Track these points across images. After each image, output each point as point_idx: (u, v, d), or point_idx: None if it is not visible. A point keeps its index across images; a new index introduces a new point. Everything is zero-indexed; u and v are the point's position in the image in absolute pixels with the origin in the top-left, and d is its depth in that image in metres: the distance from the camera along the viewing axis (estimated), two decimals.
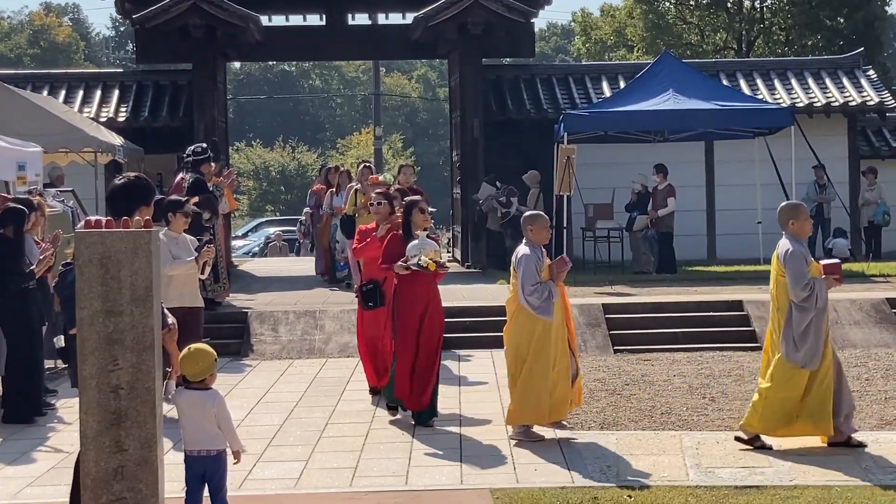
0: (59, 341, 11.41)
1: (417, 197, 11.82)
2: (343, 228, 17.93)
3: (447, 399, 12.08)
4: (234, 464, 7.56)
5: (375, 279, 11.57)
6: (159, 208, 10.71)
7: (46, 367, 13.34)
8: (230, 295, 17.86)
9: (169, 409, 8.77)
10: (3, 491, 8.91)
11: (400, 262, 10.68)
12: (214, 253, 12.47)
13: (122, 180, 8.10)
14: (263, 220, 47.90)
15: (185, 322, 10.25)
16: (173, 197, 11.51)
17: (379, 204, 11.89)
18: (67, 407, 11.98)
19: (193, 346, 7.50)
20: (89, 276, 6.22)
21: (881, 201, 23.88)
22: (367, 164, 18.77)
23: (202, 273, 11.77)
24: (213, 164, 17.38)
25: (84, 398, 6.23)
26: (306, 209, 26.15)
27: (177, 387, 7.58)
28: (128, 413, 6.23)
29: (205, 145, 17.19)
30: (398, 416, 11.09)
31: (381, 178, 15.00)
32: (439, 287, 11.32)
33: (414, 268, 10.61)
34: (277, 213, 58.33)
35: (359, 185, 17.67)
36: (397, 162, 59.16)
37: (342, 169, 21.61)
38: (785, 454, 9.44)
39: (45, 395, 12.19)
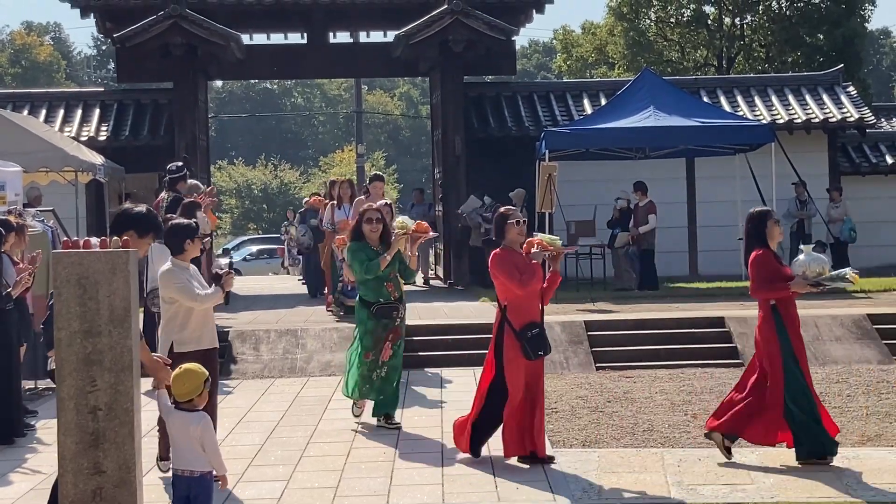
0: (52, 363, 10.97)
1: (768, 207, 10.31)
2: None
3: (429, 418, 12.07)
4: (220, 488, 7.54)
5: (537, 320, 9.92)
6: (170, 234, 9.65)
7: (26, 387, 13.30)
8: None
9: (149, 431, 8.73)
10: None
11: (800, 280, 9.52)
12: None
13: (131, 207, 7.97)
14: (246, 237, 47.87)
15: (204, 365, 9.67)
16: (181, 221, 10.08)
17: (521, 223, 10.08)
18: (48, 428, 11.91)
19: (184, 366, 7.48)
20: (67, 296, 6.21)
21: (847, 218, 23.94)
22: (378, 174, 17.89)
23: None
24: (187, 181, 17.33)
25: (62, 419, 6.21)
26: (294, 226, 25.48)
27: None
28: (106, 434, 6.20)
29: (180, 164, 17.11)
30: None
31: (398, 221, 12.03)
32: (422, 304, 11.30)
33: (831, 284, 9.71)
34: (260, 231, 58.25)
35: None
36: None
37: (343, 179, 19.65)
38: (767, 470, 9.43)
39: (25, 416, 12.14)
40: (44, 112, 24.59)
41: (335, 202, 18.38)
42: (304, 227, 22.67)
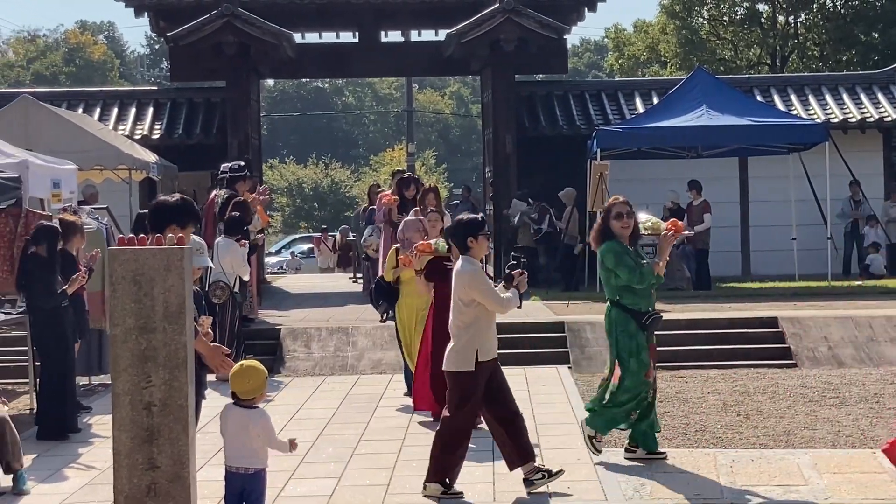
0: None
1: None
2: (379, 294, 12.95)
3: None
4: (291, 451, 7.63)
5: None
6: (454, 230, 9.00)
7: (80, 383, 13.45)
8: (258, 313, 17.90)
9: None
10: None
11: None
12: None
13: (167, 199, 7.93)
14: (297, 236, 48.01)
15: (495, 373, 9.10)
16: (464, 216, 9.20)
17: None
18: (101, 424, 12.02)
19: (246, 363, 7.51)
20: (122, 293, 6.25)
21: None
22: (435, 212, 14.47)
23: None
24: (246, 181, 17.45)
25: (117, 415, 6.26)
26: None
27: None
28: (160, 430, 6.24)
29: (242, 163, 17.22)
30: None
31: (434, 244, 11.54)
32: None
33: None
34: (311, 230, 58.42)
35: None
36: (430, 179, 59.26)
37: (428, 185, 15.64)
38: (821, 472, 9.35)
39: (79, 412, 12.27)
40: (98, 110, 24.78)
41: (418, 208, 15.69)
42: (372, 227, 19.06)
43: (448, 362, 9.04)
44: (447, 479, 8.88)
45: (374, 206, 18.61)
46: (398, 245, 12.76)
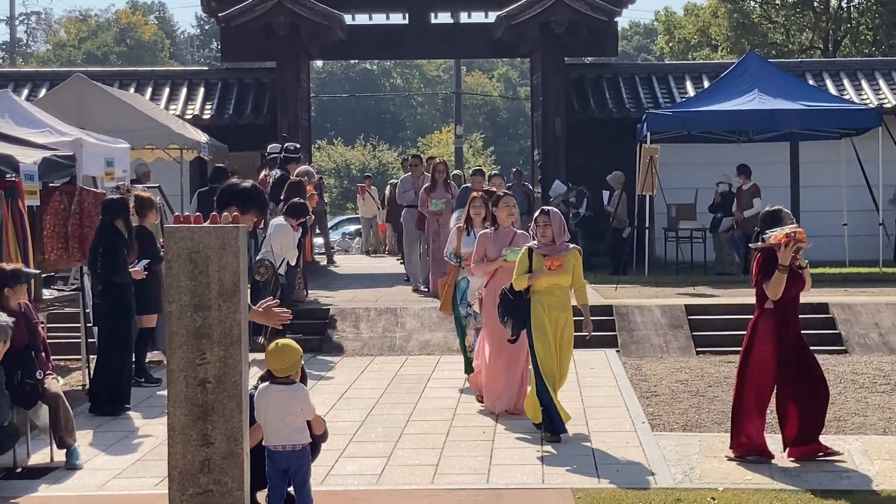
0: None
1: None
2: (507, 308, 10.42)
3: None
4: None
5: None
6: None
7: (149, 360, 13.66)
8: (309, 293, 17.98)
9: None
10: (89, 482, 9.04)
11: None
12: None
13: (240, 185, 7.96)
14: (344, 217, 48.10)
15: None
16: None
17: None
18: (153, 400, 12.14)
19: (280, 341, 7.56)
20: (178, 270, 6.30)
21: None
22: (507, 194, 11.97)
23: None
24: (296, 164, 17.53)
25: (172, 391, 6.31)
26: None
27: (261, 382, 7.62)
28: (214, 407, 6.29)
29: (298, 145, 17.27)
30: None
31: None
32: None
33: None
34: (357, 211, 58.51)
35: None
36: (477, 161, 59.18)
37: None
38: (872, 459, 9.30)
39: (152, 384, 12.70)
40: (149, 90, 24.91)
41: (461, 225, 12.50)
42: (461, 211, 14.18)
43: None
44: None
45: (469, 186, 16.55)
46: (533, 244, 10.35)
